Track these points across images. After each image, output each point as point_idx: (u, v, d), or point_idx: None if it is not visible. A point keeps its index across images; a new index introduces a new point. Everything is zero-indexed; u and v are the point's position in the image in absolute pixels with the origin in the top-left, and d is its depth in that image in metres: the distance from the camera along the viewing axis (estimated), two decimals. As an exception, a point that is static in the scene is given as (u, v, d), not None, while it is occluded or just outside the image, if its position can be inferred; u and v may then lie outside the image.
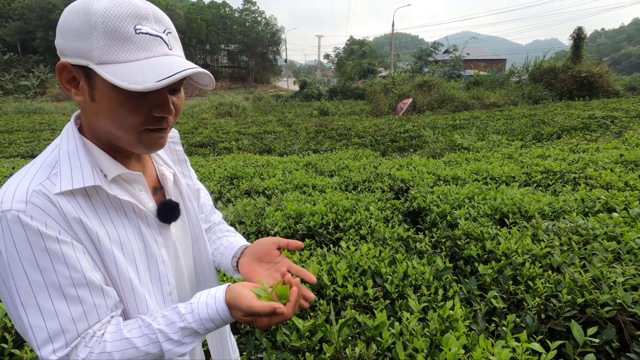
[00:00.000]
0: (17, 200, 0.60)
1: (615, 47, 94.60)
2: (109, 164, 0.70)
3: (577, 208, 2.59)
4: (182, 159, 0.91)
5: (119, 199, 0.70)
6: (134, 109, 0.63)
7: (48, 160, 0.67)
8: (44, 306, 0.60)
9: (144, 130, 0.67)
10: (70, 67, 0.63)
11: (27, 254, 0.59)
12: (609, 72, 18.64)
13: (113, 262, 0.67)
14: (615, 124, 8.68)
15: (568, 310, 1.48)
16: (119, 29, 0.59)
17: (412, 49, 66.60)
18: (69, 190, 0.64)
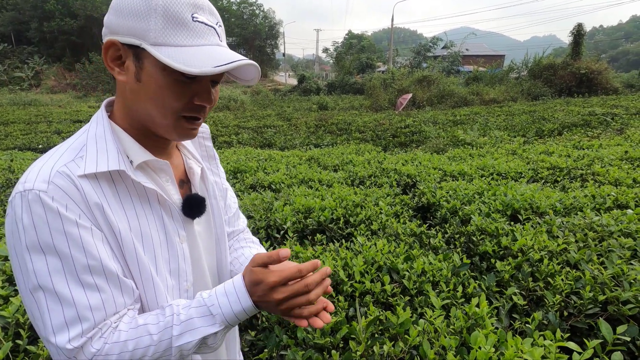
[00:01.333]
0: (40, 180, 0.59)
1: (613, 44, 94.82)
2: (136, 150, 0.69)
3: (588, 204, 2.57)
4: (211, 155, 0.88)
5: (143, 187, 0.68)
6: (178, 94, 0.64)
7: (75, 144, 0.66)
8: (61, 291, 0.58)
9: (182, 117, 0.67)
10: (119, 46, 0.63)
11: (46, 236, 0.57)
12: (608, 69, 18.68)
13: (133, 253, 0.65)
14: (616, 121, 8.70)
15: (590, 307, 1.47)
16: (178, 13, 0.60)
17: (410, 44, 66.35)
18: (93, 174, 0.63)
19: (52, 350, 0.59)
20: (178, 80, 0.63)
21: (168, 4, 0.59)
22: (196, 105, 0.66)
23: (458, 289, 1.56)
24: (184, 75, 0.62)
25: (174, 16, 0.60)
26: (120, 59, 0.64)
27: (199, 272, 0.79)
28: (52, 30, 35.55)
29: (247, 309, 0.64)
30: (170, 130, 0.68)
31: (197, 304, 0.65)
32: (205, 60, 0.59)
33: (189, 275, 0.75)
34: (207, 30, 0.63)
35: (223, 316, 0.63)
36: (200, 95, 0.66)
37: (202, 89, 0.66)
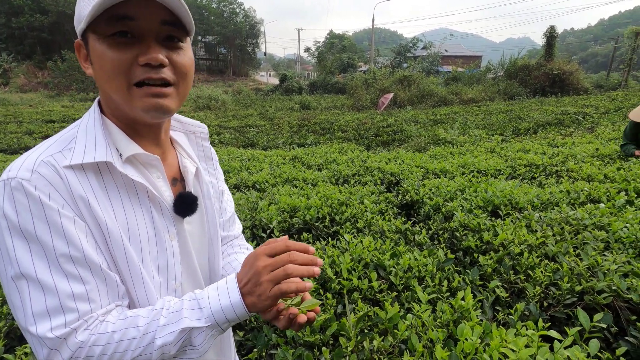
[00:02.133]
0: (23, 169, 0.59)
1: (583, 46, 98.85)
2: (126, 142, 0.68)
3: (563, 199, 2.68)
4: (208, 155, 0.87)
5: (132, 181, 0.67)
6: (117, 57, 0.61)
7: (65, 137, 0.66)
8: (43, 279, 0.56)
9: (134, 85, 0.63)
10: (80, 43, 0.67)
11: (28, 223, 0.57)
12: (579, 70, 19.48)
13: (121, 246, 0.64)
14: (587, 120, 9.08)
15: (568, 297, 1.53)
16: None
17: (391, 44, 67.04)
18: (80, 164, 0.62)
19: (34, 343, 0.57)
20: (116, 44, 0.61)
21: None
22: (144, 68, 0.62)
23: (443, 284, 1.59)
24: (120, 34, 0.60)
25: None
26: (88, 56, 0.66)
27: (190, 272, 0.77)
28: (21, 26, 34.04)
29: (235, 303, 0.62)
30: (131, 106, 0.64)
31: (189, 297, 0.64)
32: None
33: (178, 273, 0.73)
34: None
35: (210, 310, 0.61)
36: (143, 52, 0.61)
37: (144, 47, 0.62)
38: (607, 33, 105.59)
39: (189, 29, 0.66)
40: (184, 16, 0.63)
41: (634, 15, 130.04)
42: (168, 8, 0.62)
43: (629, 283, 1.56)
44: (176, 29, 0.64)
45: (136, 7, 0.60)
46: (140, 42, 0.62)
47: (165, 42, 0.64)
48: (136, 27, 0.61)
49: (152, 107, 0.64)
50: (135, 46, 0.61)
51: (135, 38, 0.61)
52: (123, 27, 0.60)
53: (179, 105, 0.69)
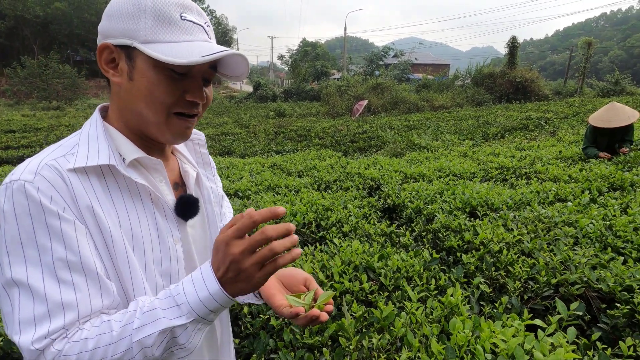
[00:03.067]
0: (27, 172, 0.60)
1: (541, 55, 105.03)
2: (129, 147, 0.70)
3: (534, 199, 2.85)
4: (207, 162, 0.89)
5: (135, 183, 0.68)
6: (168, 90, 0.65)
7: (68, 143, 0.68)
8: (35, 285, 0.56)
9: (174, 114, 0.67)
10: (112, 48, 0.65)
11: (27, 227, 0.57)
12: (539, 78, 20.66)
13: (123, 250, 0.64)
14: (549, 125, 9.64)
15: (545, 290, 1.64)
16: (167, 13, 0.63)
17: (362, 52, 68.39)
18: (83, 168, 0.63)
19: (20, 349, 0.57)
20: (169, 77, 0.64)
21: (157, 4, 0.63)
22: (188, 102, 0.67)
23: (431, 282, 1.66)
24: (175, 72, 0.64)
25: (163, 15, 0.62)
26: (114, 62, 0.66)
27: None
28: (-24, 31, 32.14)
29: (215, 293, 0.57)
30: (162, 129, 0.68)
31: (163, 295, 0.59)
32: (193, 52, 0.61)
33: (182, 277, 0.73)
34: (195, 28, 0.65)
35: (189, 305, 0.57)
36: (191, 91, 0.66)
37: (193, 85, 0.67)
38: (562, 43, 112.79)
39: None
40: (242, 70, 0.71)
41: (585, 26, 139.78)
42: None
43: (597, 274, 1.69)
44: (214, 71, 0.71)
45: None
46: (189, 78, 0.66)
47: (204, 81, 0.70)
48: (193, 68, 0.66)
49: (180, 134, 0.70)
50: (185, 82, 0.66)
51: (186, 74, 0.66)
52: (184, 68, 0.65)
53: None
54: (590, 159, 4.30)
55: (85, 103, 28.36)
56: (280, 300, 0.75)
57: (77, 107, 25.47)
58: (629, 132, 4.41)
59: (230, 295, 0.58)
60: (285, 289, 0.80)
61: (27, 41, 49.23)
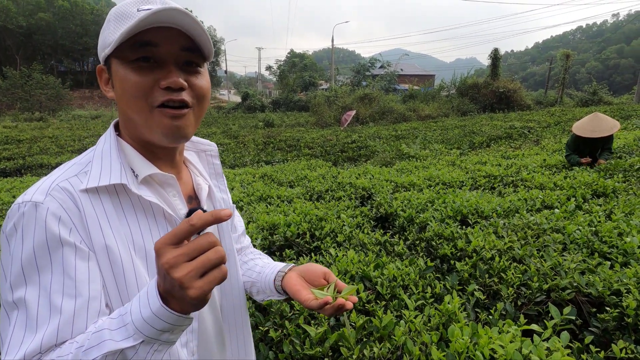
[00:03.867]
0: (38, 192, 0.61)
1: (522, 66, 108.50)
2: (142, 163, 0.70)
3: (522, 206, 2.92)
4: (219, 172, 0.89)
5: (148, 202, 0.68)
6: (139, 81, 0.63)
7: (82, 160, 0.68)
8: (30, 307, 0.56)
9: (157, 108, 0.65)
10: (103, 68, 0.70)
11: (28, 248, 0.57)
12: (521, 88, 21.30)
13: (131, 271, 0.64)
14: (532, 133, 9.92)
15: (538, 295, 1.68)
16: (124, 11, 0.64)
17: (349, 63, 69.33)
18: (95, 188, 0.64)
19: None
20: (136, 68, 0.63)
21: (117, 8, 0.66)
22: (166, 91, 0.64)
23: (427, 290, 1.69)
24: (143, 60, 0.63)
25: (121, 14, 0.64)
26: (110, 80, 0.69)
27: None
28: (-45, 41, 31.46)
29: (158, 311, 0.50)
30: (151, 128, 0.65)
31: (116, 314, 0.55)
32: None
33: None
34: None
35: (134, 325, 0.51)
36: (164, 77, 0.64)
37: (165, 71, 0.64)
38: (542, 55, 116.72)
39: (207, 55, 0.70)
40: (204, 43, 0.67)
41: (563, 39, 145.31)
42: (188, 35, 0.66)
43: (586, 279, 1.74)
44: (195, 54, 0.68)
45: (159, 34, 0.63)
46: (161, 67, 0.64)
47: (185, 67, 0.67)
48: (158, 52, 0.64)
49: (172, 130, 0.66)
50: (157, 71, 0.64)
51: (156, 63, 0.64)
52: (146, 52, 0.63)
53: (196, 127, 0.72)
54: (574, 167, 4.44)
55: (69, 114, 27.89)
56: (306, 294, 0.77)
57: (60, 118, 25.02)
58: (610, 141, 4.58)
59: (177, 312, 0.50)
60: (308, 284, 0.82)
61: (9, 51, 48.30)
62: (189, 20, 0.63)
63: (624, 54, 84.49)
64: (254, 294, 0.93)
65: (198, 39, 0.66)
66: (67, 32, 48.58)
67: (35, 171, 8.45)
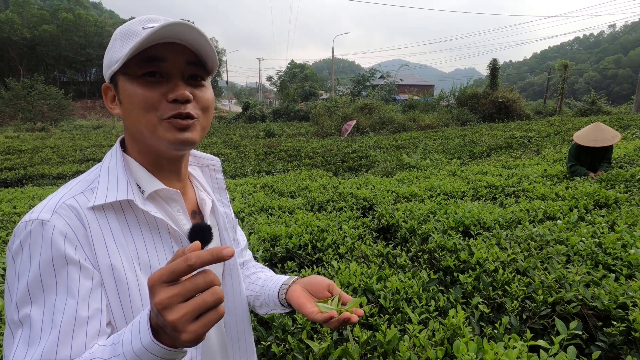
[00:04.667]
0: (45, 210, 0.61)
1: (521, 76, 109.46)
2: (147, 179, 0.71)
3: (524, 217, 2.91)
4: (222, 187, 0.90)
5: (153, 217, 0.69)
6: (146, 95, 0.65)
7: (89, 177, 0.69)
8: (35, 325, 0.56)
9: (164, 120, 0.66)
10: (108, 86, 0.71)
11: (35, 266, 0.58)
12: (520, 98, 21.42)
13: (136, 289, 0.64)
14: (532, 143, 9.94)
15: (543, 309, 1.66)
16: (130, 30, 0.67)
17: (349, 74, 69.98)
18: (101, 205, 0.65)
19: None
20: (143, 83, 0.65)
21: (123, 27, 0.68)
22: (173, 104, 0.66)
23: (430, 303, 1.67)
24: (149, 74, 0.65)
25: (127, 33, 0.67)
26: (115, 97, 0.71)
27: None
28: (-41, 52, 31.89)
29: (148, 345, 0.48)
30: (159, 140, 0.66)
31: (112, 340, 0.54)
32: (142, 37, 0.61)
33: None
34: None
35: (124, 357, 0.50)
36: (171, 90, 0.66)
37: (172, 85, 0.66)
38: (540, 65, 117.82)
39: (211, 68, 0.72)
40: (209, 56, 0.69)
41: (560, 50, 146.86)
42: (193, 50, 0.68)
43: (592, 292, 1.72)
44: (199, 68, 0.70)
45: (165, 49, 0.65)
46: (167, 81, 0.66)
47: (189, 81, 0.69)
48: (165, 67, 0.66)
49: (177, 140, 0.67)
50: (163, 85, 0.66)
51: (163, 77, 0.66)
52: (153, 67, 0.65)
53: (201, 137, 0.73)
54: (575, 177, 4.43)
55: (71, 124, 28.06)
56: (311, 307, 0.78)
57: (62, 128, 25.16)
58: (610, 151, 4.60)
59: (169, 347, 0.48)
60: (312, 296, 0.83)
61: (12, 62, 48.84)
62: (194, 35, 0.65)
63: (622, 64, 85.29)
64: (257, 308, 0.93)
65: (203, 52, 0.68)
66: (70, 43, 49.19)
67: (36, 181, 8.46)
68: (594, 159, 4.62)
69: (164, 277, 0.46)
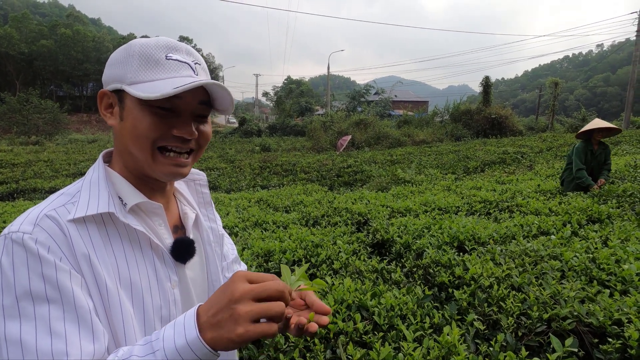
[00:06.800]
0: (26, 223, 0.60)
1: (513, 93, 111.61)
2: (129, 192, 0.70)
3: (518, 233, 2.91)
4: (207, 201, 0.90)
5: (134, 230, 0.68)
6: (153, 125, 0.66)
7: (70, 190, 0.68)
8: (26, 340, 0.54)
9: (161, 149, 0.68)
10: (108, 94, 0.70)
11: (23, 280, 0.56)
12: (513, 114, 21.79)
13: (117, 304, 0.63)
14: (525, 159, 10.06)
15: (538, 326, 1.64)
16: (152, 54, 0.66)
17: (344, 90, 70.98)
18: (82, 218, 0.64)
19: None
20: (154, 113, 0.66)
21: (143, 48, 0.67)
22: (175, 137, 0.68)
23: (425, 320, 1.64)
24: (161, 108, 0.66)
25: (148, 57, 0.66)
26: (112, 106, 0.70)
27: None
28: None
29: (192, 342, 0.52)
30: (151, 165, 0.68)
31: (143, 341, 0.57)
32: (167, 87, 0.62)
33: None
34: (181, 65, 0.68)
35: (164, 352, 0.52)
36: (178, 126, 0.67)
37: (181, 122, 0.68)
38: (531, 82, 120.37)
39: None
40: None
41: (550, 68, 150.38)
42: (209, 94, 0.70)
43: (587, 308, 1.71)
44: (208, 107, 0.72)
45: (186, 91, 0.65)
46: (177, 115, 0.68)
47: (196, 117, 0.71)
48: (179, 104, 0.67)
49: (171, 172, 0.70)
50: (173, 118, 0.67)
51: (173, 112, 0.68)
52: (168, 103, 0.66)
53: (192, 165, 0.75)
54: (567, 192, 4.47)
55: (66, 138, 27.95)
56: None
57: (57, 142, 25.05)
58: (609, 156, 4.81)
59: (209, 345, 0.52)
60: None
61: (9, 77, 48.96)
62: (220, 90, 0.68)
63: (610, 82, 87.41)
64: None
65: (221, 100, 0.71)
66: (67, 58, 49.50)
67: (28, 195, 8.35)
68: (595, 165, 4.72)
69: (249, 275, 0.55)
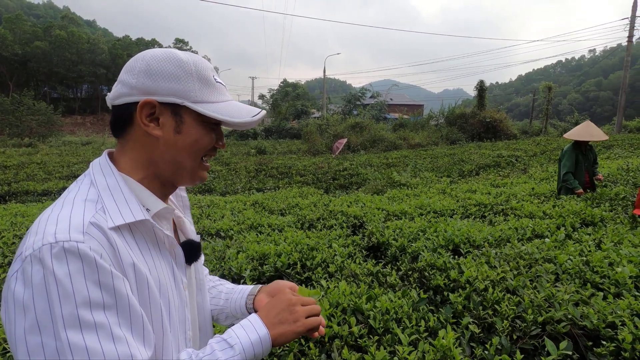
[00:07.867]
0: (74, 231, 0.59)
1: (507, 97, 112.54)
2: (152, 199, 0.73)
3: (513, 235, 2.92)
4: (187, 205, 0.92)
5: (155, 235, 0.71)
6: (210, 139, 0.74)
7: (89, 196, 0.66)
8: (92, 347, 0.54)
9: (201, 162, 0.76)
10: (155, 104, 0.68)
11: (81, 288, 0.56)
12: (507, 118, 21.97)
13: (157, 302, 0.66)
14: (520, 162, 10.13)
15: (533, 329, 1.64)
16: (207, 76, 0.73)
17: (340, 93, 71.23)
18: (120, 225, 0.65)
19: None
20: (210, 129, 0.74)
21: (199, 69, 0.71)
22: (214, 148, 0.77)
23: (420, 324, 1.64)
24: (216, 124, 0.74)
25: (205, 78, 0.72)
26: (153, 115, 0.69)
27: (193, 319, 0.82)
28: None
29: (263, 337, 0.69)
30: (192, 174, 0.75)
31: (215, 340, 0.69)
32: (242, 113, 0.73)
33: (188, 322, 0.77)
34: (223, 88, 0.77)
35: (241, 346, 0.67)
36: (220, 139, 0.77)
37: (220, 135, 0.77)
38: (525, 87, 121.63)
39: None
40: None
41: (544, 72, 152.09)
42: None
43: (581, 311, 1.72)
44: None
45: None
46: (217, 129, 0.77)
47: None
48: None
49: (201, 177, 0.78)
50: (215, 132, 0.76)
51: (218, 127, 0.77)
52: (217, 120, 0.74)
53: None
54: (561, 196, 4.50)
55: (59, 140, 27.69)
56: None
57: (50, 144, 24.81)
58: (595, 153, 4.90)
59: (273, 339, 0.71)
60: None
61: (2, 78, 48.53)
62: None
63: (603, 87, 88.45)
64: (221, 321, 0.96)
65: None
66: (62, 60, 49.17)
67: (20, 198, 8.25)
68: (587, 165, 4.78)
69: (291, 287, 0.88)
